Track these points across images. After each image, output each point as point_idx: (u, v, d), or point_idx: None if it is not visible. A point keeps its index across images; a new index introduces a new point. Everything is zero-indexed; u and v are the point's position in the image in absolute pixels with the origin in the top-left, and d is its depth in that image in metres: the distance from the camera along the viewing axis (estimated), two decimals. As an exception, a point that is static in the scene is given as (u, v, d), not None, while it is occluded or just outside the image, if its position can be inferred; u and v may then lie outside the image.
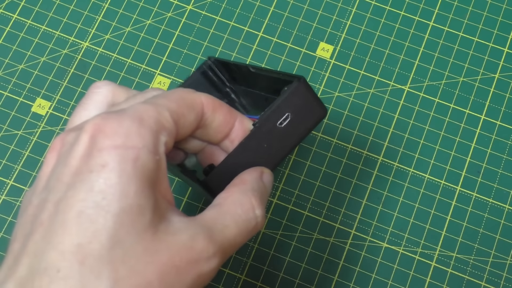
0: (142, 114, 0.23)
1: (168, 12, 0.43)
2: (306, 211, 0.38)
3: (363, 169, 0.39)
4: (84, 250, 0.21)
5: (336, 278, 0.37)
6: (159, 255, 0.22)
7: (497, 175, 0.39)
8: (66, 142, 0.24)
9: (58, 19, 0.43)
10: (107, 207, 0.22)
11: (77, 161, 0.23)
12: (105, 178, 0.22)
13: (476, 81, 0.41)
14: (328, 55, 0.42)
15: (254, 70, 0.32)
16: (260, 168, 0.28)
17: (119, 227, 0.22)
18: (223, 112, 0.27)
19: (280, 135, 0.28)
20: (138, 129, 0.23)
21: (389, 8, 0.43)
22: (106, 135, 0.23)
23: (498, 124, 0.40)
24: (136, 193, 0.22)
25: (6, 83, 0.41)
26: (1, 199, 0.39)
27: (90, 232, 0.21)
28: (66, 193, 0.22)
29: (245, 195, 0.26)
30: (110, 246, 0.21)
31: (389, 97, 0.41)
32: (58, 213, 0.22)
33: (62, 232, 0.21)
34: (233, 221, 0.25)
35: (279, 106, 0.28)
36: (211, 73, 0.36)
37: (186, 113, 0.25)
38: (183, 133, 0.26)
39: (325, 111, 0.29)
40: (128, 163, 0.22)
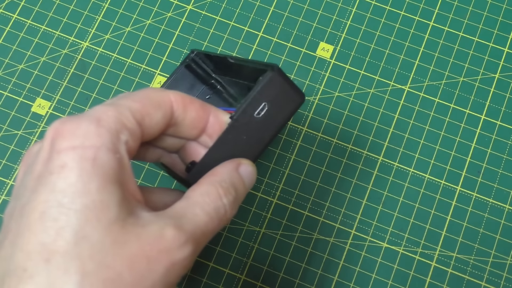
0: (101, 115, 0.24)
1: (168, 12, 0.43)
2: (306, 211, 0.38)
3: (363, 169, 0.39)
4: (49, 248, 0.21)
5: (336, 278, 0.37)
6: (128, 247, 0.22)
7: (497, 175, 0.39)
8: (33, 152, 0.25)
9: (58, 19, 0.43)
10: (69, 205, 0.22)
11: (39, 166, 0.23)
12: (65, 178, 0.22)
13: (476, 81, 0.41)
14: (328, 55, 0.42)
15: (233, 61, 0.32)
16: (237, 160, 0.28)
17: (84, 223, 0.22)
18: (195, 108, 0.27)
19: (258, 125, 0.28)
20: (96, 129, 0.23)
21: (389, 8, 0.43)
22: (63, 137, 0.23)
23: (498, 124, 0.40)
24: (98, 189, 0.22)
25: (6, 83, 0.41)
26: (1, 199, 0.39)
27: (54, 230, 0.22)
28: (30, 197, 0.23)
29: (212, 186, 0.26)
30: (75, 241, 0.22)
31: (389, 97, 0.41)
32: (23, 217, 0.22)
33: (28, 234, 0.22)
34: (201, 210, 0.25)
35: (254, 97, 0.27)
36: (195, 65, 0.36)
37: (151, 112, 0.25)
38: (151, 132, 0.26)
39: (302, 96, 0.29)
40: (86, 162, 0.22)
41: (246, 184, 0.28)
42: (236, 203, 0.27)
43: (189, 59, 0.36)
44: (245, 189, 0.28)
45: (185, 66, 0.36)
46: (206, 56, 0.36)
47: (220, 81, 0.36)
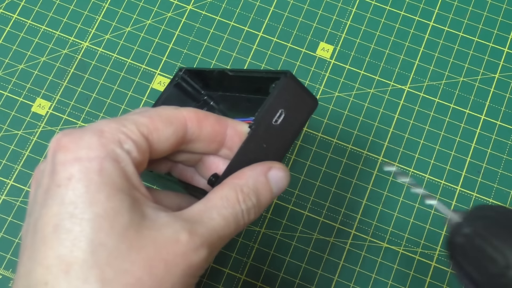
0: (103, 127, 0.24)
1: (168, 12, 0.43)
2: (306, 211, 0.38)
3: (363, 169, 0.39)
4: (67, 260, 0.22)
5: (336, 278, 0.37)
6: (145, 251, 0.23)
7: (497, 175, 0.39)
8: (41, 168, 0.25)
9: (58, 19, 0.43)
10: (81, 215, 0.22)
11: (46, 179, 0.23)
12: (73, 189, 0.22)
13: (476, 81, 0.41)
14: (328, 55, 0.42)
15: (232, 73, 0.32)
16: (268, 164, 0.28)
17: (98, 231, 0.22)
18: (210, 123, 0.27)
19: (277, 132, 0.28)
20: (98, 140, 0.23)
21: (389, 8, 0.43)
22: (67, 149, 0.23)
23: (498, 124, 0.40)
24: (108, 198, 0.23)
25: (6, 83, 0.41)
26: (1, 199, 0.39)
27: (69, 241, 0.22)
28: (41, 211, 0.23)
29: (232, 190, 0.26)
30: (92, 250, 0.22)
31: (389, 97, 0.41)
32: (37, 232, 0.23)
33: (44, 248, 0.22)
34: (218, 214, 0.25)
35: (271, 104, 0.27)
36: (185, 84, 0.36)
37: (160, 127, 0.25)
38: (161, 147, 0.26)
39: (315, 101, 0.29)
40: (93, 172, 0.23)
41: (273, 190, 0.28)
42: (257, 210, 0.27)
43: (178, 77, 0.36)
44: (271, 195, 0.28)
45: (174, 85, 0.36)
46: (195, 73, 0.35)
47: (212, 97, 0.36)
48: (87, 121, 0.40)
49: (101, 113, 0.40)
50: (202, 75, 0.35)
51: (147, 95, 0.41)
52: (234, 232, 0.26)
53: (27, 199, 0.38)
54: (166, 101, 0.36)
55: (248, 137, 0.27)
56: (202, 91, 0.36)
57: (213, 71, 0.34)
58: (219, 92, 0.35)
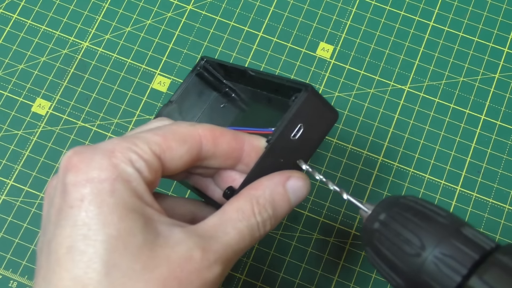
0: (114, 147, 0.24)
1: (168, 12, 0.43)
2: (306, 211, 0.38)
3: (363, 169, 0.39)
4: (82, 281, 0.22)
5: (336, 278, 0.37)
6: (159, 270, 0.23)
7: (497, 175, 0.39)
8: (53, 184, 0.25)
9: (58, 19, 0.43)
10: (94, 236, 0.22)
11: (58, 199, 0.23)
12: (86, 211, 0.23)
13: (476, 81, 0.41)
14: (328, 55, 0.42)
15: (253, 73, 0.32)
16: (286, 173, 0.27)
17: (111, 252, 0.22)
18: (227, 140, 0.27)
19: (295, 147, 0.27)
20: (109, 161, 0.23)
21: (389, 8, 0.43)
22: (78, 169, 0.23)
23: (498, 124, 0.40)
24: (121, 218, 0.23)
25: (6, 83, 0.41)
26: (1, 199, 0.39)
27: (83, 263, 0.22)
28: (54, 232, 0.23)
29: (248, 202, 0.26)
30: (106, 272, 0.22)
31: (389, 97, 0.41)
32: (52, 253, 0.23)
33: (59, 269, 0.22)
34: (233, 228, 0.25)
35: (290, 119, 0.27)
36: (206, 73, 0.35)
37: (174, 146, 0.25)
38: (174, 165, 0.26)
39: (336, 114, 0.28)
40: (105, 194, 0.23)
41: (291, 200, 0.27)
42: (273, 221, 0.27)
43: (200, 66, 0.35)
44: (290, 206, 0.27)
45: (196, 74, 0.35)
46: (218, 64, 0.35)
47: (234, 89, 0.35)
48: (87, 121, 0.40)
49: (101, 113, 0.40)
50: (224, 67, 0.35)
51: (147, 95, 0.41)
52: (250, 245, 0.26)
53: (27, 199, 0.39)
54: (186, 90, 0.35)
55: (265, 152, 0.27)
56: (223, 81, 0.35)
57: (235, 68, 0.33)
58: (241, 84, 0.35)
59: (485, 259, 0.23)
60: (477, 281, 0.23)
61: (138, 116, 0.40)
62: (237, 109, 0.36)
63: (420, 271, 0.24)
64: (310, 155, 0.28)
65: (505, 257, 0.23)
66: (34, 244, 0.38)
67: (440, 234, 0.24)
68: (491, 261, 0.23)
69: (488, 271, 0.23)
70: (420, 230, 0.25)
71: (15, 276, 0.37)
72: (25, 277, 0.37)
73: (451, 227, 0.25)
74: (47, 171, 0.39)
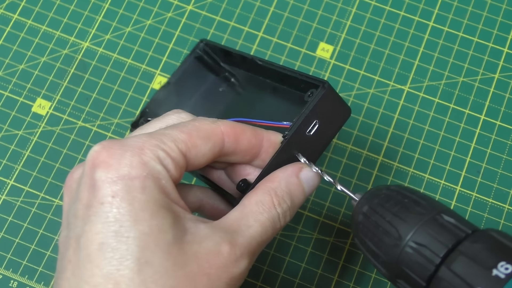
0: (143, 144, 0.24)
1: (168, 12, 0.43)
2: (306, 211, 0.38)
3: (363, 169, 0.39)
4: (115, 278, 0.22)
5: (336, 278, 0.37)
6: (189, 267, 0.23)
7: (497, 175, 0.39)
8: (75, 177, 0.25)
9: (58, 19, 0.43)
10: (127, 233, 0.22)
11: (86, 193, 0.23)
12: (118, 207, 0.23)
13: (476, 81, 0.41)
14: (328, 55, 0.42)
15: (261, 63, 0.32)
16: (298, 164, 0.28)
17: (143, 249, 0.22)
18: (247, 137, 0.27)
19: (309, 142, 0.28)
20: (139, 159, 0.23)
21: (389, 8, 0.43)
22: (109, 166, 0.23)
23: (498, 124, 0.40)
24: (152, 215, 0.23)
25: (7, 83, 0.41)
26: (1, 199, 0.39)
27: (116, 260, 0.22)
28: (84, 227, 0.23)
29: (267, 194, 0.26)
30: (139, 268, 0.22)
31: (389, 97, 0.41)
32: (81, 249, 0.23)
33: (90, 266, 0.22)
34: (255, 221, 0.26)
35: (307, 116, 0.27)
36: (206, 57, 0.35)
37: (199, 144, 0.26)
38: (197, 162, 0.26)
39: (349, 110, 0.29)
40: (136, 191, 0.23)
41: (305, 190, 0.28)
42: (292, 211, 0.27)
43: (199, 49, 0.35)
44: (304, 195, 0.28)
45: (195, 58, 0.35)
46: (218, 48, 0.35)
47: (233, 73, 0.35)
48: (87, 121, 0.40)
49: (101, 113, 0.40)
50: (225, 51, 0.34)
51: (147, 95, 0.41)
52: (271, 237, 0.26)
53: (27, 199, 0.39)
54: (184, 73, 0.35)
55: (282, 147, 0.27)
56: (221, 64, 0.35)
57: (240, 55, 0.33)
58: (241, 69, 0.35)
59: (457, 247, 0.23)
60: (446, 271, 0.23)
61: (138, 116, 0.40)
62: (236, 94, 0.35)
63: (398, 261, 0.25)
64: (323, 149, 0.29)
65: (474, 245, 0.23)
66: (34, 244, 0.38)
67: (415, 223, 0.25)
68: (459, 249, 0.23)
69: (456, 260, 0.23)
70: (398, 220, 0.25)
71: (15, 276, 0.37)
72: (25, 277, 0.37)
73: (427, 215, 0.25)
74: (47, 171, 0.39)
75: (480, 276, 0.22)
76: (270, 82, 0.32)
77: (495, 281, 0.21)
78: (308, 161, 0.28)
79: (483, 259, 0.22)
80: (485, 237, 0.23)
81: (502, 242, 0.23)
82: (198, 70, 0.35)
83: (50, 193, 0.39)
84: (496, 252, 0.22)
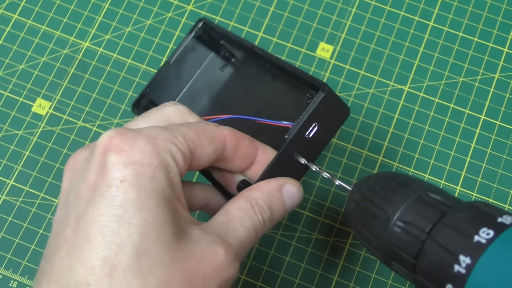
0: (156, 135, 0.24)
1: (168, 12, 0.43)
2: (306, 211, 0.38)
3: (363, 169, 0.39)
4: (112, 263, 0.22)
5: (336, 278, 0.37)
6: (185, 263, 0.23)
7: (497, 175, 0.39)
8: (80, 158, 0.25)
9: (58, 19, 0.43)
10: (130, 220, 0.22)
11: (94, 175, 0.23)
12: (125, 192, 0.22)
13: (476, 81, 0.41)
14: (328, 55, 0.42)
15: (261, 53, 0.32)
16: (283, 179, 0.28)
17: (144, 238, 0.22)
18: (245, 145, 0.28)
19: (309, 144, 0.28)
20: (152, 148, 0.23)
21: (389, 8, 0.43)
22: (121, 150, 0.23)
23: (498, 124, 0.40)
24: (157, 206, 0.23)
25: (7, 83, 0.41)
26: (1, 199, 0.39)
27: (115, 245, 0.22)
28: (87, 208, 0.23)
29: (248, 202, 0.27)
30: (137, 257, 0.22)
31: (389, 97, 0.41)
32: (81, 229, 0.22)
33: (88, 247, 0.22)
34: (241, 225, 0.26)
35: (307, 119, 0.28)
36: (205, 36, 0.35)
37: (204, 144, 0.26)
38: (200, 163, 0.26)
39: (348, 110, 0.29)
40: (145, 179, 0.23)
41: (286, 205, 0.28)
42: (270, 223, 0.28)
43: (198, 29, 0.35)
44: (284, 210, 0.28)
45: (195, 37, 0.35)
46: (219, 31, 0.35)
47: (233, 54, 0.35)
48: (87, 121, 0.40)
49: (101, 113, 0.40)
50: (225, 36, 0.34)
51: (147, 95, 0.41)
52: (254, 243, 0.27)
53: (27, 199, 0.39)
54: (184, 52, 0.35)
55: (283, 149, 0.28)
56: (221, 42, 0.35)
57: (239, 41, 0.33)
58: (241, 51, 0.35)
59: (440, 220, 0.24)
60: (430, 243, 0.23)
61: (138, 116, 0.40)
62: (236, 75, 0.35)
63: (389, 242, 0.25)
64: (321, 150, 0.30)
65: (457, 215, 0.23)
66: (34, 244, 0.38)
67: (401, 203, 0.25)
68: (443, 221, 0.23)
69: (439, 231, 0.23)
70: (385, 203, 0.25)
71: (15, 276, 0.37)
72: (25, 277, 0.37)
73: (413, 194, 0.25)
74: (47, 171, 0.39)
75: (462, 243, 0.22)
76: (270, 67, 0.33)
77: (477, 246, 0.21)
78: (308, 161, 0.29)
79: (465, 228, 0.22)
80: (468, 207, 0.24)
81: (484, 210, 0.23)
82: (197, 49, 0.35)
83: (50, 193, 0.39)
84: (478, 219, 0.22)
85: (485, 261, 0.21)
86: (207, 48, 0.36)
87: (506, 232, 0.21)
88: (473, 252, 0.21)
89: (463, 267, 0.21)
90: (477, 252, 0.21)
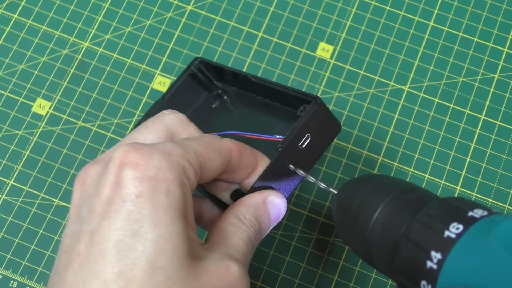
0: (170, 150, 0.24)
1: (168, 12, 0.43)
2: (306, 211, 0.38)
3: (363, 169, 0.39)
4: (126, 277, 0.21)
5: (336, 278, 0.37)
6: (201, 280, 0.23)
7: (497, 175, 0.39)
8: (91, 172, 0.25)
9: (58, 19, 0.43)
10: (145, 235, 0.22)
11: (108, 190, 0.23)
12: (140, 208, 0.22)
13: (476, 81, 0.41)
14: (328, 55, 0.42)
15: (254, 80, 0.32)
16: (266, 192, 0.29)
17: (160, 254, 0.22)
18: (247, 155, 0.28)
19: (301, 155, 0.29)
20: (168, 163, 0.23)
21: (389, 8, 0.43)
22: (137, 165, 0.23)
23: (498, 124, 0.40)
24: (172, 221, 0.23)
25: (7, 83, 0.41)
26: (1, 199, 0.39)
27: (130, 260, 0.22)
28: (101, 223, 0.23)
29: (236, 218, 0.27)
30: (152, 272, 0.22)
31: (389, 97, 0.41)
32: (95, 243, 0.22)
33: (102, 261, 0.22)
34: (239, 239, 0.26)
35: (300, 129, 0.28)
36: (199, 74, 0.36)
37: (213, 158, 0.26)
38: (208, 176, 0.26)
39: (339, 126, 0.30)
40: (161, 194, 0.23)
41: (271, 217, 0.29)
42: (260, 235, 0.28)
43: (194, 66, 0.36)
44: (270, 222, 0.29)
45: (189, 75, 0.36)
46: (211, 66, 0.36)
47: (226, 91, 0.36)
48: (87, 121, 0.40)
49: (101, 113, 0.40)
50: (218, 69, 0.35)
51: (147, 95, 0.41)
52: (252, 254, 0.27)
53: (27, 199, 0.39)
54: (178, 89, 0.36)
55: (276, 158, 0.28)
56: (214, 82, 0.36)
57: (233, 72, 0.34)
58: (233, 87, 0.35)
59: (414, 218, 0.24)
60: (404, 242, 0.23)
61: (138, 116, 0.40)
62: (228, 111, 0.36)
63: (369, 243, 0.25)
64: (314, 162, 0.30)
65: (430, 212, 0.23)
66: (34, 244, 0.38)
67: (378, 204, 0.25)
68: (416, 219, 0.23)
69: (412, 229, 0.23)
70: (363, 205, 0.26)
71: (15, 276, 0.37)
72: (25, 277, 0.37)
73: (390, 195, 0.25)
74: (47, 171, 0.39)
75: (433, 239, 0.22)
76: (262, 99, 0.33)
77: (447, 242, 0.21)
78: (302, 171, 0.29)
79: (436, 224, 0.22)
80: (441, 204, 0.24)
81: (455, 205, 0.23)
82: (191, 87, 0.36)
83: (50, 193, 0.39)
84: (449, 215, 0.23)
85: (454, 256, 0.21)
86: (201, 86, 0.36)
87: (475, 226, 0.21)
88: (443, 248, 0.21)
89: (435, 262, 0.21)
90: (447, 247, 0.21)
